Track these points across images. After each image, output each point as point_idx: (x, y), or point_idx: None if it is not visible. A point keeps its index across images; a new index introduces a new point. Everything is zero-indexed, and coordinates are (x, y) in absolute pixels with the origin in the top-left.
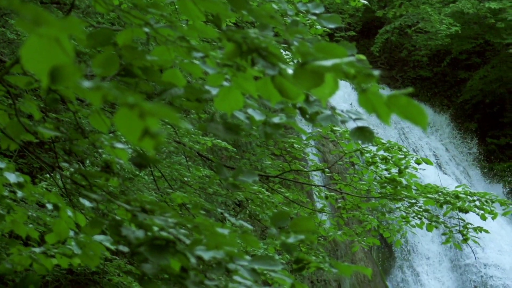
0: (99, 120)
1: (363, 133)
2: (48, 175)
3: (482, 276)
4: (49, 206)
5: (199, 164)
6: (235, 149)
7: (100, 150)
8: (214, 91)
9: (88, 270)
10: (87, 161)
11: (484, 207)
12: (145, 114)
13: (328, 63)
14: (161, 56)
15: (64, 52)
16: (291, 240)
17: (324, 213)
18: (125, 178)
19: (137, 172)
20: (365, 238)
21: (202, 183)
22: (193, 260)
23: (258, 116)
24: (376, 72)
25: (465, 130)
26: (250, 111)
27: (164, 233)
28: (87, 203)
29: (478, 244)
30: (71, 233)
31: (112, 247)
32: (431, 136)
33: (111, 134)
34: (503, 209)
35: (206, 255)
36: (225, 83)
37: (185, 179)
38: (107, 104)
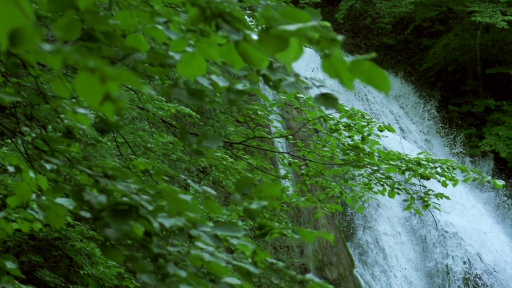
0: (61, 85)
1: (327, 99)
2: (9, 141)
3: (442, 241)
4: (11, 169)
5: (163, 130)
6: (198, 116)
7: (62, 116)
8: (177, 57)
9: (51, 236)
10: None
11: (446, 174)
12: (106, 78)
13: (292, 27)
14: (124, 21)
15: (24, 15)
16: (254, 206)
17: (287, 180)
18: (87, 144)
19: (100, 138)
20: (328, 205)
21: (165, 149)
22: (156, 225)
23: (221, 83)
24: (340, 37)
25: (428, 97)
26: (213, 77)
27: (126, 199)
28: (49, 166)
29: (439, 210)
30: (33, 196)
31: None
32: (393, 103)
33: (73, 100)
34: (464, 176)
35: (168, 223)
36: (189, 49)
37: (149, 145)
38: (69, 69)
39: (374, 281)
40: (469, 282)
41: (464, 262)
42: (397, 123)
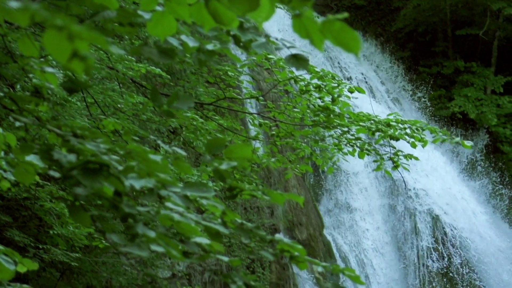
0: (29, 44)
1: (298, 61)
2: None
3: (410, 201)
4: None
5: (133, 91)
6: (169, 76)
7: (30, 75)
8: (147, 16)
9: (19, 196)
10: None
11: (415, 135)
12: (74, 36)
13: None
14: None
15: None
16: (224, 166)
17: (258, 141)
18: (56, 103)
19: (69, 98)
20: (298, 165)
21: (135, 110)
22: (127, 184)
23: (191, 43)
24: None
25: (398, 58)
26: (183, 37)
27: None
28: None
29: (408, 170)
30: (2, 154)
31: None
32: (364, 64)
33: (41, 59)
34: (433, 137)
35: (138, 184)
36: (159, 8)
37: (118, 105)
38: (38, 28)
39: (344, 240)
40: (437, 241)
41: (433, 218)
42: (367, 85)
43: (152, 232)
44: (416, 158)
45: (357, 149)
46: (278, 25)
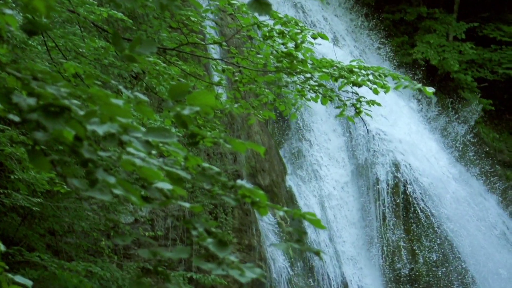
0: None
1: (261, 6)
2: None
3: (373, 147)
4: None
5: (94, 35)
6: (131, 21)
7: None
8: None
9: None
10: None
11: (377, 81)
12: None
13: None
14: None
15: None
16: (186, 111)
17: (221, 87)
18: (15, 46)
19: (29, 42)
20: (261, 111)
21: (97, 54)
22: (90, 129)
23: None
24: None
25: (362, 5)
26: None
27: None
28: None
29: (371, 117)
30: None
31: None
32: (327, 10)
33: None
34: (395, 83)
35: (101, 130)
36: None
37: (80, 50)
38: None
39: (306, 186)
40: (397, 187)
41: (394, 164)
42: (331, 31)
43: (112, 178)
44: (379, 104)
45: (320, 96)
46: None
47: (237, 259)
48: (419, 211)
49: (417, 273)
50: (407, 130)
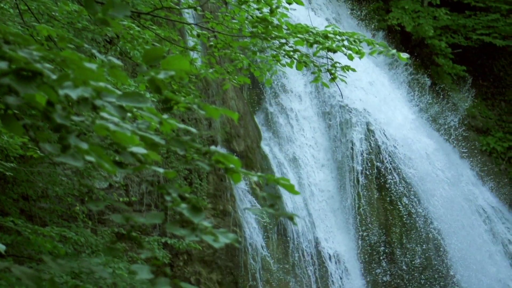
0: None
1: None
2: None
3: (348, 114)
4: None
5: None
6: None
7: None
8: None
9: None
10: None
11: (352, 46)
12: None
13: None
14: None
15: None
16: (161, 76)
17: (195, 51)
18: None
19: (1, 4)
20: (236, 77)
21: (70, 18)
22: (61, 93)
23: None
24: None
25: None
26: None
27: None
28: None
29: (345, 83)
30: None
31: None
32: None
33: None
34: (370, 49)
35: (74, 93)
36: None
37: (53, 13)
38: None
39: (281, 153)
40: (372, 153)
41: (369, 131)
42: None
43: (85, 144)
44: (354, 70)
45: (295, 61)
46: None
47: (211, 225)
48: (394, 173)
49: (391, 245)
50: (384, 99)
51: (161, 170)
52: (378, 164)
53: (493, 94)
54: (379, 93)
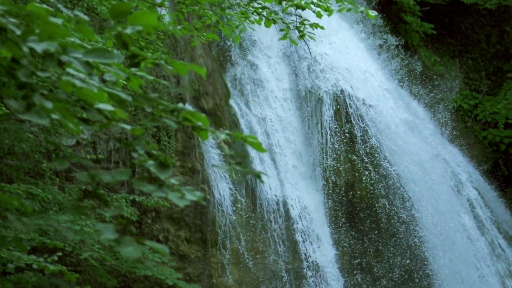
0: None
1: None
2: None
3: (317, 72)
4: None
5: None
6: None
7: None
8: None
9: None
10: None
11: (321, 3)
12: None
13: None
14: None
15: None
16: (128, 31)
17: (163, 8)
18: None
19: None
20: (204, 34)
21: None
22: (25, 49)
23: None
24: None
25: None
26: None
27: None
28: None
29: (314, 40)
30: None
31: None
32: None
33: None
34: (339, 6)
35: (39, 47)
36: None
37: None
38: None
39: (250, 110)
40: (340, 112)
41: (339, 90)
42: None
43: (49, 103)
44: (322, 27)
45: (264, 18)
46: None
47: (178, 182)
48: (359, 131)
49: (356, 203)
50: (352, 58)
51: (128, 126)
52: (347, 124)
53: (460, 52)
54: (347, 51)
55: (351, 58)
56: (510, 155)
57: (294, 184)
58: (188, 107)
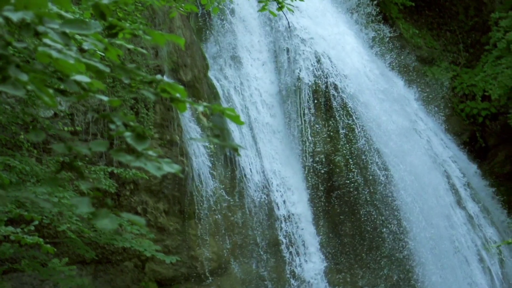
0: None
1: None
2: None
3: (294, 43)
4: None
5: None
6: None
7: None
8: None
9: None
10: None
11: None
12: None
13: None
14: None
15: None
16: (105, 1)
17: None
18: None
19: None
20: (183, 5)
21: None
22: (0, 19)
23: None
24: None
25: None
26: None
27: None
28: None
29: (293, 12)
30: None
31: None
32: None
33: None
34: None
35: (15, 16)
36: None
37: None
38: None
39: (228, 83)
40: (319, 90)
41: (317, 60)
42: None
43: (25, 75)
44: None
45: None
46: None
47: (156, 154)
48: (339, 106)
49: (334, 173)
50: (331, 27)
51: (105, 98)
52: (326, 92)
53: (438, 24)
54: (329, 24)
55: (326, 25)
56: (487, 127)
57: (272, 156)
58: (167, 79)
